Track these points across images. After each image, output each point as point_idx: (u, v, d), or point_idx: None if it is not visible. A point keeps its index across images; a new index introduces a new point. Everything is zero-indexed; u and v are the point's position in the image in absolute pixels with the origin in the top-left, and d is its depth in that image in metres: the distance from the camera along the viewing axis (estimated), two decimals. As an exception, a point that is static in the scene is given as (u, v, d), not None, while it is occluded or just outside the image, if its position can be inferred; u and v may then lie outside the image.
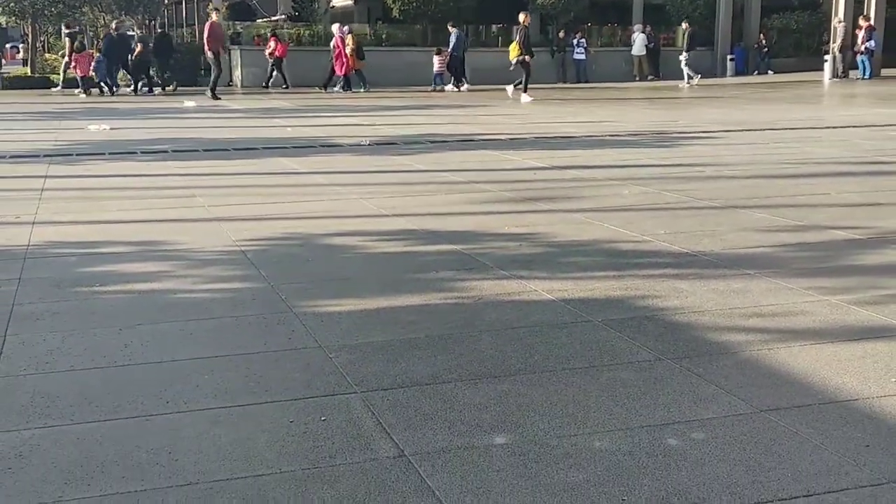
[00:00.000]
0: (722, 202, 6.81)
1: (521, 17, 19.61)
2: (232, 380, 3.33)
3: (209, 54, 20.63)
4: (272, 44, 24.75)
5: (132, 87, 23.92)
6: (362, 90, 23.10)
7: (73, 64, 23.30)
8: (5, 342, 3.79)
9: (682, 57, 25.33)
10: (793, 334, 3.75)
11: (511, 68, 19.87)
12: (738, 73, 29.56)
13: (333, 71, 23.45)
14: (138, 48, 24.50)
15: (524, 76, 19.49)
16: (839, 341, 3.66)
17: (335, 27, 24.04)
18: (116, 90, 23.59)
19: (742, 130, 12.41)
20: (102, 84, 23.34)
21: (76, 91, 22.94)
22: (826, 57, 26.15)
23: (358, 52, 23.48)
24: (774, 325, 3.88)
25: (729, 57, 29.90)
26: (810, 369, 3.34)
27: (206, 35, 20.87)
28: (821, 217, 6.21)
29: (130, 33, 27.43)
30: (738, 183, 7.85)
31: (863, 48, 25.58)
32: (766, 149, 10.40)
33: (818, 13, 29.50)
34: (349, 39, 23.24)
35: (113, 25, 25.39)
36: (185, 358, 3.59)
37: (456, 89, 23.89)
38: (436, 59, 24.68)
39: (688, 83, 24.87)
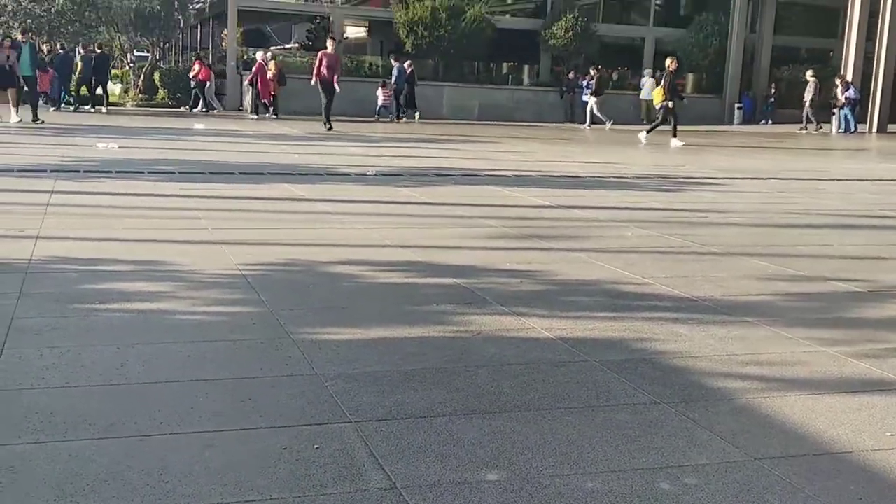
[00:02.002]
0: (724, 248, 6.82)
1: (668, 62, 19.06)
2: (227, 403, 3.33)
3: (317, 83, 19.76)
4: (196, 67, 25.81)
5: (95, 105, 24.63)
6: (268, 116, 24.12)
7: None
8: (2, 356, 3.79)
9: (592, 100, 25.88)
10: (789, 384, 3.75)
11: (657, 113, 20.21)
12: (745, 121, 29.76)
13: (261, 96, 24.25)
14: (79, 67, 25.29)
15: (671, 121, 19.21)
16: (835, 393, 3.65)
17: (258, 54, 24.76)
18: (76, 106, 24.65)
19: (747, 178, 12.45)
20: (62, 99, 24.59)
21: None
22: (833, 110, 26.26)
23: (280, 79, 24.44)
24: (771, 374, 3.88)
25: (737, 105, 30.10)
26: (805, 419, 3.34)
27: (319, 64, 19.84)
28: (822, 268, 6.23)
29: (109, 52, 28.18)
30: (741, 230, 7.87)
31: (842, 99, 25.60)
32: (770, 197, 10.44)
33: (827, 66, 29.71)
34: (271, 66, 24.20)
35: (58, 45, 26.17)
36: (181, 379, 3.59)
37: (397, 121, 24.81)
38: (380, 91, 25.33)
39: (589, 126, 25.67)
